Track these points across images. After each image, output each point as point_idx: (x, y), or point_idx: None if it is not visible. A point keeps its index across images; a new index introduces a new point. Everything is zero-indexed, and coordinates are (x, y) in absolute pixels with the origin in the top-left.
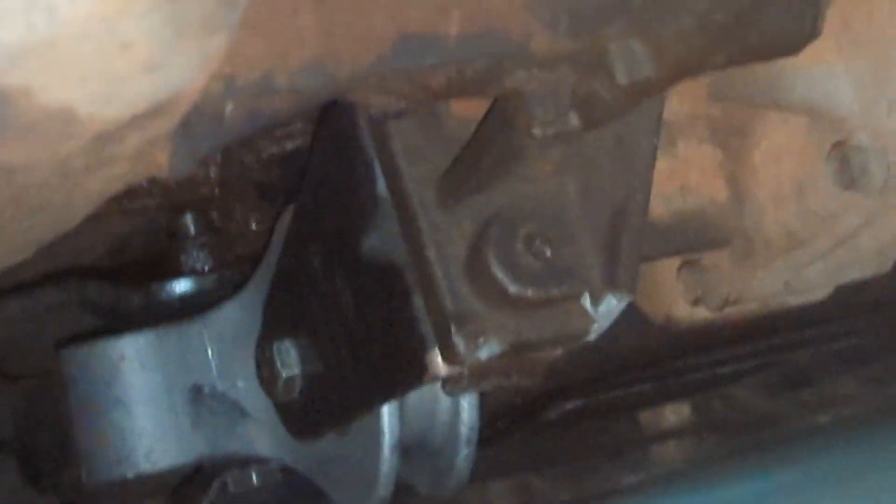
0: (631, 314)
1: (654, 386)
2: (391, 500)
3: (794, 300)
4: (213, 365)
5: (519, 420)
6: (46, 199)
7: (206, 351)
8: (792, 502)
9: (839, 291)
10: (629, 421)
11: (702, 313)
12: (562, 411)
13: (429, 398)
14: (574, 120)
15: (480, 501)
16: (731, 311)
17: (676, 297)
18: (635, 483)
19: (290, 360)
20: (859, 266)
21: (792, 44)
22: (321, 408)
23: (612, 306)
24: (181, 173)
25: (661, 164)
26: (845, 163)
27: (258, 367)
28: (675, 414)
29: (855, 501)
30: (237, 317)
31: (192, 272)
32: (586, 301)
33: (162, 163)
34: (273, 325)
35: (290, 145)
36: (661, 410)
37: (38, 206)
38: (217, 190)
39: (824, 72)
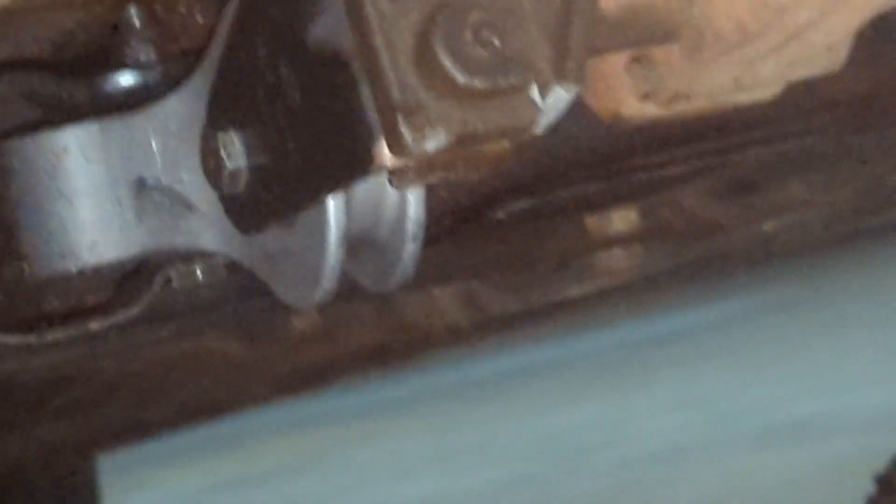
0: (580, 112)
1: (601, 186)
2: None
3: (743, 97)
4: (158, 157)
5: (465, 219)
6: None
7: (151, 144)
8: (724, 332)
9: (787, 92)
10: (576, 226)
11: (651, 109)
12: (509, 211)
13: (375, 193)
14: None
15: (426, 308)
16: (680, 109)
17: (625, 93)
18: (581, 295)
19: (235, 152)
20: (810, 63)
21: None
22: (266, 200)
23: (559, 97)
24: None
25: None
26: None
27: (203, 159)
28: (622, 220)
29: (799, 330)
30: (182, 109)
31: (136, 65)
32: (534, 92)
33: None
34: (218, 117)
35: None
36: (608, 215)
37: None
38: None
39: None
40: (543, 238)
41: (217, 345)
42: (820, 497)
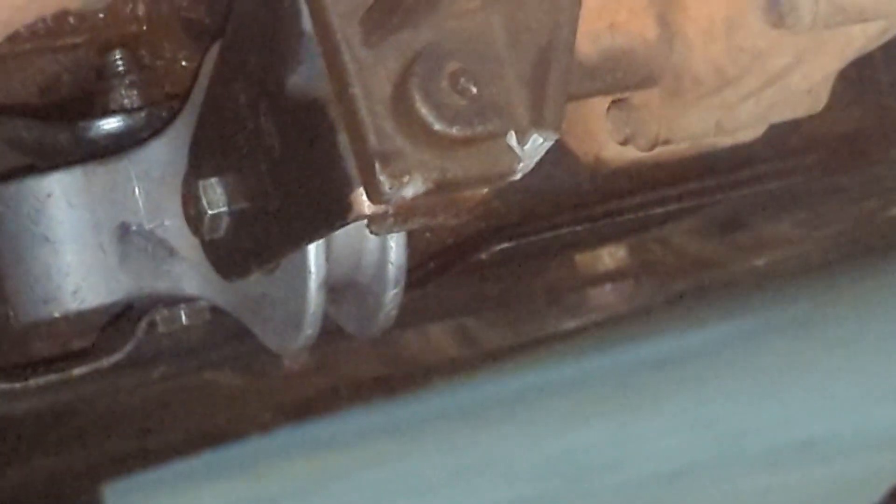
0: (562, 155)
1: (586, 228)
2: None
3: (725, 140)
4: (141, 203)
5: (451, 261)
6: None
7: (134, 189)
8: (730, 352)
9: (771, 132)
10: (565, 263)
11: (631, 153)
12: (494, 252)
13: (356, 238)
14: None
15: (421, 343)
16: (661, 152)
17: (606, 137)
18: (574, 328)
19: (216, 198)
20: (790, 106)
21: None
22: (247, 246)
23: (537, 144)
24: (95, 3)
25: (590, 2)
26: (774, 0)
27: (185, 205)
28: (611, 256)
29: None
30: (164, 155)
31: (120, 110)
32: (512, 139)
33: None
34: (199, 163)
35: None
36: (597, 253)
37: None
38: (145, 27)
39: None
40: (533, 276)
41: (215, 377)
42: None
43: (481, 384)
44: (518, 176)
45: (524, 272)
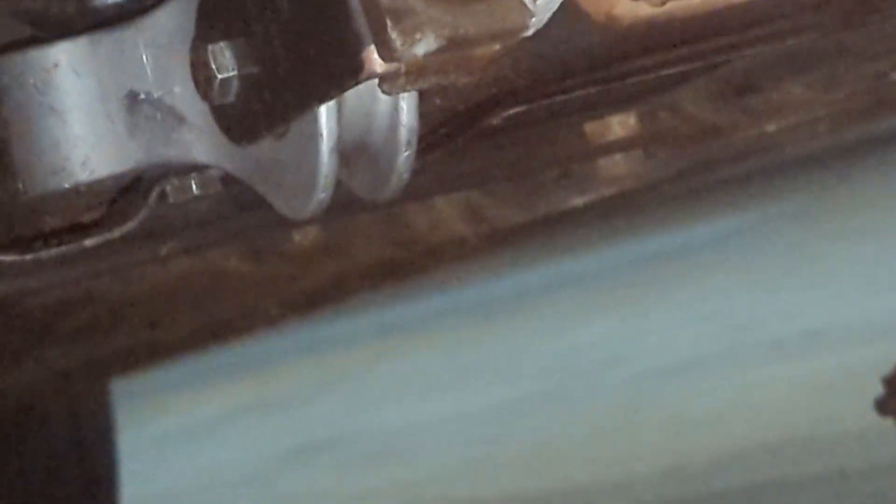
0: (574, 16)
1: (598, 91)
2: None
3: None
4: (149, 71)
5: (461, 126)
6: None
7: (141, 57)
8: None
9: None
10: (575, 132)
11: (644, 8)
12: (505, 117)
13: (367, 100)
14: None
15: (430, 220)
16: (674, 7)
17: None
18: (585, 204)
19: (225, 62)
20: None
21: None
22: (257, 110)
23: None
24: None
25: None
26: None
27: (193, 70)
28: (621, 125)
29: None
30: (172, 21)
31: None
32: None
33: None
34: (207, 28)
35: None
36: (607, 121)
37: None
38: None
39: None
40: (542, 145)
41: (221, 263)
42: (833, 405)
43: (486, 281)
44: (531, 31)
45: (534, 140)
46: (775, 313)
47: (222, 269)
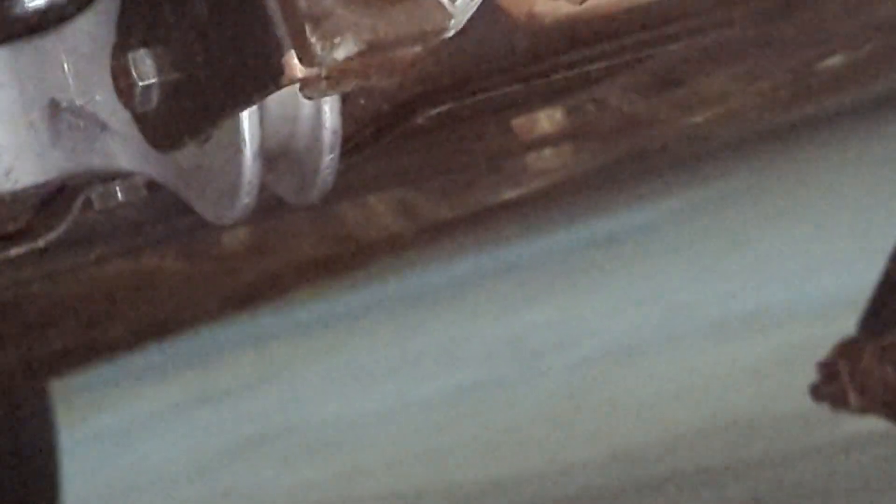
0: (495, 14)
1: (523, 87)
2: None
3: None
4: (70, 79)
5: (387, 126)
6: None
7: (63, 65)
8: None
9: None
10: (502, 128)
11: (565, 7)
12: (430, 116)
13: (289, 105)
14: None
15: (362, 218)
16: (596, 5)
17: None
18: (517, 198)
19: (146, 70)
20: None
21: None
22: (179, 116)
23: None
24: None
25: None
26: None
27: (115, 78)
28: (548, 120)
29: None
30: (93, 29)
31: None
32: None
33: None
34: (127, 36)
35: None
36: (534, 116)
37: None
38: None
39: None
40: (471, 141)
41: (156, 263)
42: (772, 387)
43: (426, 270)
44: (450, 33)
45: (462, 137)
46: (712, 296)
47: (157, 268)
